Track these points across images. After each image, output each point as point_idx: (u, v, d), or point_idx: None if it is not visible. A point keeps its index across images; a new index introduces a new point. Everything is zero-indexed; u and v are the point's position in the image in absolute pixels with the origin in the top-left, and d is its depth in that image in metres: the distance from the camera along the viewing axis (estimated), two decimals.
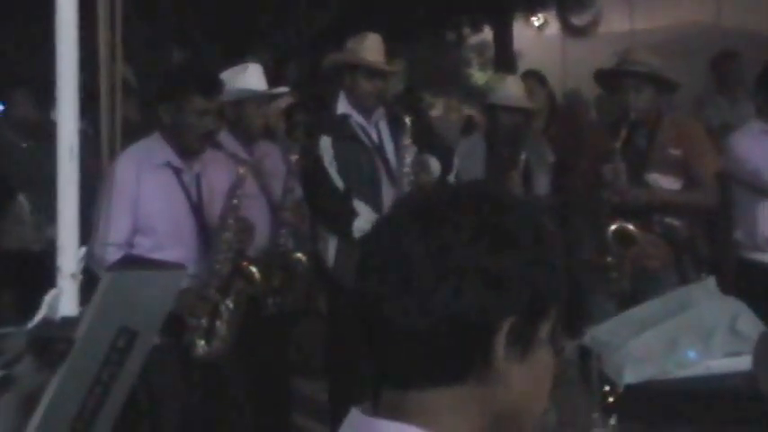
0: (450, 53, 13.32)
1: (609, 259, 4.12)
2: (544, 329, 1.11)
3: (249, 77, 4.19)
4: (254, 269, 3.75)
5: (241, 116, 4.16)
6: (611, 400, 2.77)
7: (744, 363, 2.51)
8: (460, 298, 1.05)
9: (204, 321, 3.61)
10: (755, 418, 2.21)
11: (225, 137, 4.15)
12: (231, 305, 3.64)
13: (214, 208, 3.72)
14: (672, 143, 4.32)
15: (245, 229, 3.75)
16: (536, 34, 14.67)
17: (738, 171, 4.29)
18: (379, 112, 4.39)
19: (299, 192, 4.27)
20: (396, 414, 1.09)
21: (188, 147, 3.68)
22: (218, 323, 3.62)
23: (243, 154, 4.12)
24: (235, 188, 3.69)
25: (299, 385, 4.72)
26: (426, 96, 10.94)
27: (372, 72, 4.28)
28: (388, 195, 4.25)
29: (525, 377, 1.10)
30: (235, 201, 3.68)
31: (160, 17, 7.24)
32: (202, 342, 3.60)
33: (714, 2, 13.94)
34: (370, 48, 4.33)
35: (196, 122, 3.61)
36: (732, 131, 4.65)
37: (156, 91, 3.86)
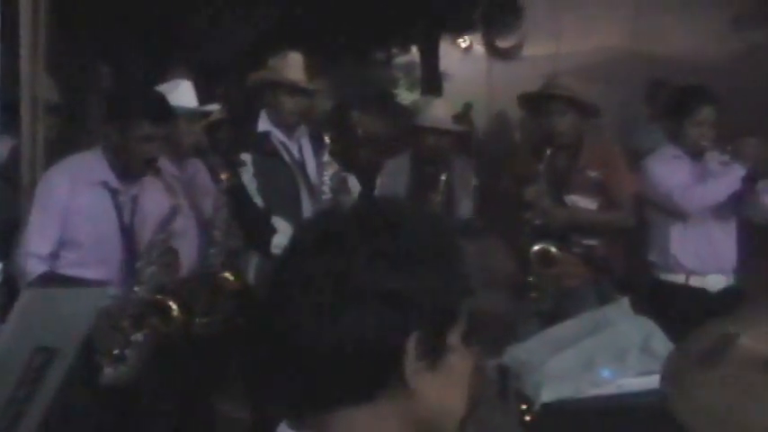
0: (377, 72, 13.42)
1: (530, 279, 4.22)
2: (453, 336, 1.14)
3: (180, 94, 4.17)
4: (173, 305, 3.69)
5: (172, 133, 4.14)
6: (528, 418, 2.83)
7: (655, 381, 2.57)
8: (363, 321, 1.08)
9: (116, 349, 3.56)
10: None
11: None
12: (141, 338, 3.59)
13: (146, 232, 3.69)
14: (591, 165, 4.44)
15: (171, 263, 3.72)
16: (462, 56, 14.87)
17: (652, 193, 4.42)
18: (302, 130, 4.43)
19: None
20: (321, 430, 1.12)
21: (129, 170, 3.65)
22: (127, 351, 3.57)
23: (173, 170, 4.11)
24: (166, 222, 3.67)
25: (219, 404, 4.68)
26: (354, 115, 10.97)
27: (294, 90, 4.32)
28: (308, 212, 4.29)
29: (440, 385, 1.13)
30: (163, 235, 3.66)
31: (84, 31, 7.15)
32: (110, 369, 3.54)
33: (630, 28, 14.30)
34: (292, 66, 4.37)
35: (140, 147, 3.58)
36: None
37: (105, 109, 3.80)
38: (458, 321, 1.14)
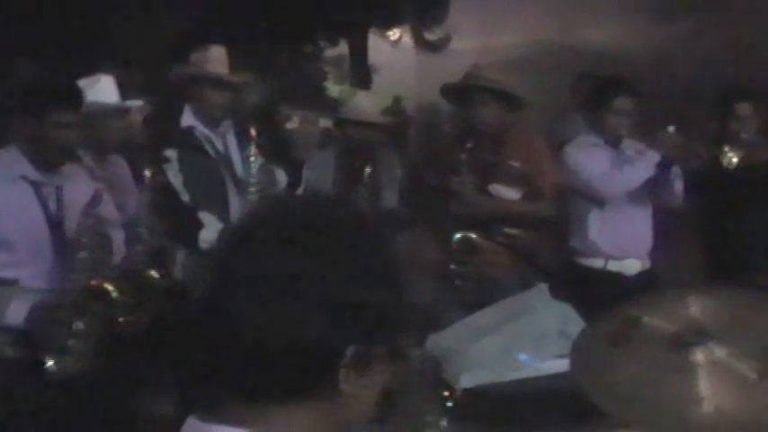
0: (307, 66, 13.37)
1: (453, 267, 4.28)
2: (382, 347, 1.17)
3: (101, 89, 4.13)
4: (109, 287, 3.67)
5: (93, 129, 4.09)
6: (449, 404, 2.88)
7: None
8: (313, 324, 1.10)
9: (58, 341, 3.54)
10: (578, 415, 2.35)
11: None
12: (83, 326, 3.57)
13: (74, 221, 3.66)
14: (515, 156, 4.51)
15: (103, 246, 3.70)
16: (391, 49, 14.89)
17: (572, 181, 4.52)
18: (227, 124, 4.42)
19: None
20: (235, 423, 1.13)
21: (48, 160, 3.61)
22: (71, 342, 3.55)
23: (95, 169, 4.07)
24: (91, 206, 3.65)
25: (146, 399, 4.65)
26: (284, 109, 10.94)
27: (217, 84, 4.31)
28: (235, 206, 4.29)
29: (363, 391, 1.16)
30: (90, 220, 3.63)
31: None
32: (54, 360, 3.52)
33: (558, 21, 14.50)
34: (214, 59, 4.36)
35: (57, 136, 3.55)
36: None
37: (14, 103, 3.76)
38: (390, 333, 1.17)
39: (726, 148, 4.31)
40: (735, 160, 4.29)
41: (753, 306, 2.01)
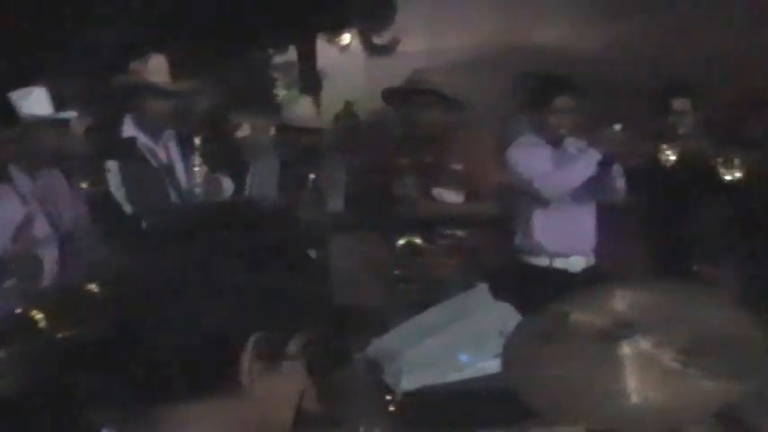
0: (255, 73, 13.34)
1: (397, 272, 4.27)
2: (295, 344, 1.15)
3: (33, 102, 4.05)
4: (37, 315, 3.58)
5: (28, 143, 4.01)
6: (391, 408, 2.86)
7: None
8: (209, 314, 1.10)
9: None
10: (517, 414, 2.35)
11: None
12: (7, 356, 3.48)
13: (5, 243, 3.57)
14: (457, 158, 4.52)
15: (32, 271, 3.61)
16: (340, 54, 14.90)
17: (515, 181, 4.54)
18: (169, 133, 4.38)
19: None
20: (145, 428, 1.13)
21: None
22: None
23: (26, 183, 3.98)
24: (21, 229, 3.56)
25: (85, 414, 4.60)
26: (233, 116, 10.90)
27: (158, 92, 4.27)
28: None
29: (272, 390, 1.14)
30: (19, 244, 3.55)
31: None
32: None
33: (517, 21, 14.57)
34: (154, 68, 4.32)
35: None
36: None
37: None
38: (302, 331, 1.15)
39: (664, 146, 4.35)
40: (672, 158, 4.33)
41: (678, 297, 2.04)
